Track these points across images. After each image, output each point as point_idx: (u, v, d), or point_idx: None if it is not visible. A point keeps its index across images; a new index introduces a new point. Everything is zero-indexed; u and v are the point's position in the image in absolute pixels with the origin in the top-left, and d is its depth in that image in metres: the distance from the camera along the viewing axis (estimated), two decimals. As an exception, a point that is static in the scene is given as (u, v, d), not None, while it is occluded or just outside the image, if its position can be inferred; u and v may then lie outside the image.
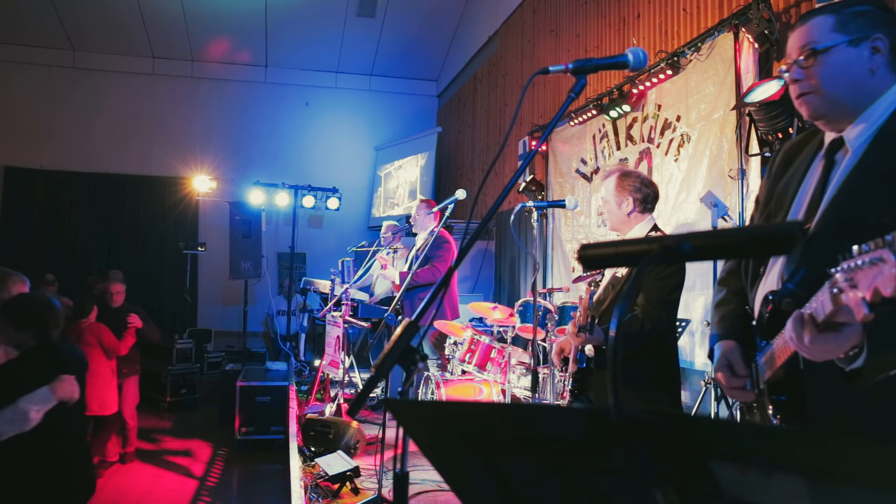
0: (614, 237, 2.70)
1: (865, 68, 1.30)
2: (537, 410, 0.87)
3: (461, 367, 4.37)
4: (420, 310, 1.17)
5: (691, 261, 0.72)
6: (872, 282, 0.93)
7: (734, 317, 1.56)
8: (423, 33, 10.14)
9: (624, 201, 2.53)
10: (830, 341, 1.11)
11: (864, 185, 1.27)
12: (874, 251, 0.93)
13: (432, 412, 0.77)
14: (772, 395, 1.41)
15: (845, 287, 0.99)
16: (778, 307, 1.36)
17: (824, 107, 1.35)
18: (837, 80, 1.31)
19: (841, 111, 1.35)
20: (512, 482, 0.70)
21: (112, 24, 9.56)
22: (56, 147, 9.93)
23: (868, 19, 1.30)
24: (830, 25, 1.32)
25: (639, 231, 2.57)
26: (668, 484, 0.55)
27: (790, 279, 1.36)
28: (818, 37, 1.33)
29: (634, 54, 1.35)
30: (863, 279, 0.95)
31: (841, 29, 1.31)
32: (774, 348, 1.36)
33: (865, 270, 0.94)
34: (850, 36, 1.30)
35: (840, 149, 1.37)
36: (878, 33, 1.29)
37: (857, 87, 1.31)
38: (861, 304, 0.96)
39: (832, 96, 1.33)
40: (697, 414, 2.50)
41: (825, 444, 0.49)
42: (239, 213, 8.29)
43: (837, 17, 1.32)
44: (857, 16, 1.31)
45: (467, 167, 9.49)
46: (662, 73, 4.50)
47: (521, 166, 1.43)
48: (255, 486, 4.88)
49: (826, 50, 1.31)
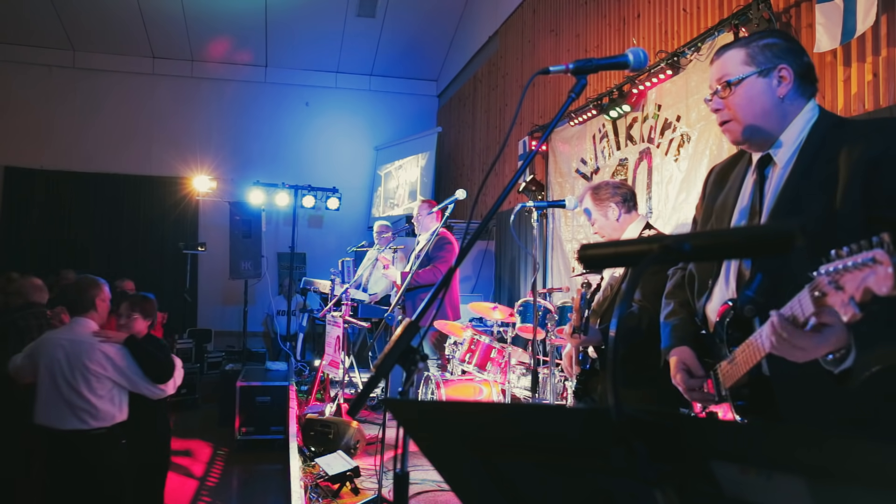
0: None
1: (775, 95, 1.44)
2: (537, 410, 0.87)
3: (461, 367, 4.37)
4: (420, 310, 1.17)
5: (691, 261, 0.72)
6: (862, 283, 0.95)
7: (685, 325, 1.63)
8: (423, 33, 10.13)
9: (608, 210, 2.60)
10: (809, 341, 1.14)
11: (802, 194, 1.39)
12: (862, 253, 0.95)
13: (432, 412, 0.77)
14: (733, 400, 1.45)
15: (829, 290, 1.02)
16: (740, 314, 1.41)
17: (744, 133, 1.48)
18: (751, 107, 1.45)
19: (760, 135, 1.47)
20: (512, 482, 0.70)
21: (112, 24, 9.56)
22: (56, 147, 9.93)
23: (774, 51, 1.44)
24: (742, 59, 1.46)
25: (632, 231, 2.59)
26: (668, 484, 0.55)
27: (748, 286, 1.42)
28: (731, 69, 1.47)
29: (635, 54, 1.35)
30: (850, 281, 0.98)
31: (751, 62, 1.45)
32: (738, 355, 1.39)
33: (854, 273, 0.97)
34: (759, 67, 1.44)
35: (769, 164, 1.49)
36: (784, 63, 1.43)
37: (770, 113, 1.44)
38: (849, 305, 0.98)
39: (748, 122, 1.46)
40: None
41: (825, 444, 0.49)
42: (239, 213, 8.29)
43: (747, 50, 1.46)
44: (765, 48, 1.45)
45: (467, 167, 9.49)
46: (662, 73, 4.50)
47: (521, 166, 1.43)
48: (255, 486, 4.88)
49: (739, 82, 1.45)
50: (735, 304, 1.43)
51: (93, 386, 2.95)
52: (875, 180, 1.29)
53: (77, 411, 2.92)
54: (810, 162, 1.40)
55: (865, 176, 1.30)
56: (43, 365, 2.96)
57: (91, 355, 2.96)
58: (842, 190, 1.32)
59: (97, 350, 2.98)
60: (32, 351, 3.06)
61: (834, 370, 1.16)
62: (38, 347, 3.04)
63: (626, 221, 2.61)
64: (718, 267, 1.54)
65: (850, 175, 1.32)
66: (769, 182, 1.48)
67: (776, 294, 1.37)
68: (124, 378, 3.04)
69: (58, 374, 2.93)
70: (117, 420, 3.03)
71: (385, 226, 6.43)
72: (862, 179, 1.30)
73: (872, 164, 1.29)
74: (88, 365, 2.95)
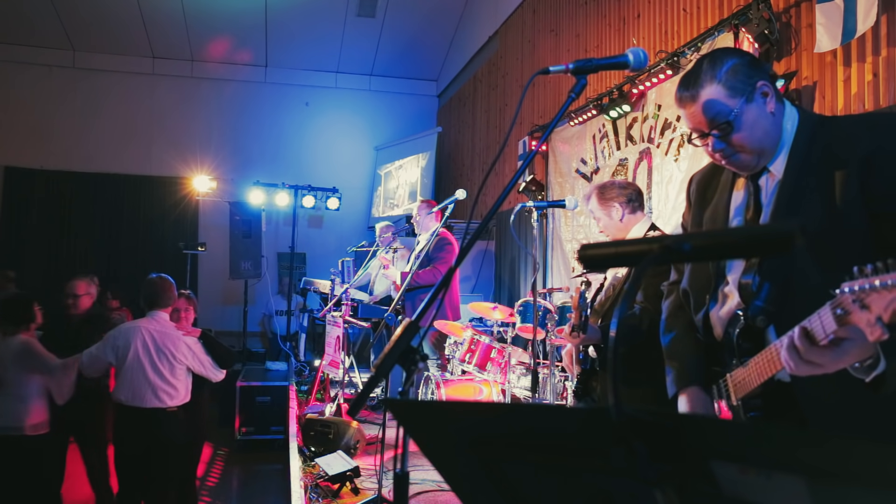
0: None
1: (767, 114, 1.44)
2: (537, 410, 0.87)
3: (461, 367, 4.37)
4: (420, 310, 1.17)
5: (691, 261, 0.72)
6: (892, 304, 0.95)
7: (691, 357, 1.61)
8: (423, 33, 10.13)
9: (612, 210, 2.59)
10: (824, 356, 1.14)
11: (799, 196, 1.40)
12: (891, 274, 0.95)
13: (432, 412, 0.77)
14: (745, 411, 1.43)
15: (853, 308, 1.01)
16: (752, 324, 1.40)
17: (754, 160, 1.46)
18: (756, 135, 1.43)
19: (765, 154, 1.47)
20: (512, 482, 0.70)
21: (112, 24, 9.56)
22: (56, 147, 9.93)
23: (744, 72, 1.43)
24: (723, 95, 1.42)
25: (637, 231, 2.58)
26: (668, 484, 0.55)
27: (756, 296, 1.41)
28: (721, 109, 1.42)
29: (635, 54, 1.35)
30: (877, 301, 0.97)
31: (733, 93, 1.42)
32: (752, 365, 1.38)
33: (881, 293, 0.96)
34: (743, 96, 1.41)
35: (762, 175, 1.49)
36: (757, 79, 1.42)
37: (769, 131, 1.45)
38: (876, 325, 0.98)
39: (758, 149, 1.45)
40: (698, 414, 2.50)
41: (825, 444, 0.49)
42: (239, 213, 8.30)
43: (723, 84, 1.42)
44: (734, 74, 1.42)
45: (467, 167, 9.48)
46: (662, 73, 4.50)
47: (521, 166, 1.43)
48: (255, 486, 4.89)
49: (738, 116, 1.42)
50: (745, 315, 1.41)
51: (175, 371, 3.54)
52: (873, 177, 1.30)
53: (159, 392, 3.47)
54: (802, 164, 1.42)
55: (862, 173, 1.31)
56: (131, 350, 3.47)
57: (177, 345, 3.57)
58: (839, 188, 1.33)
59: (181, 341, 3.60)
60: (114, 338, 3.52)
61: (865, 378, 1.15)
62: (121, 335, 3.53)
63: (631, 222, 2.60)
64: (715, 281, 1.52)
65: (846, 173, 1.33)
66: (764, 188, 1.49)
67: (787, 302, 1.38)
68: (200, 365, 3.66)
69: (145, 359, 3.46)
70: (186, 401, 3.62)
71: (388, 226, 6.42)
72: (859, 177, 1.31)
73: (867, 161, 1.31)
74: (175, 353, 3.54)
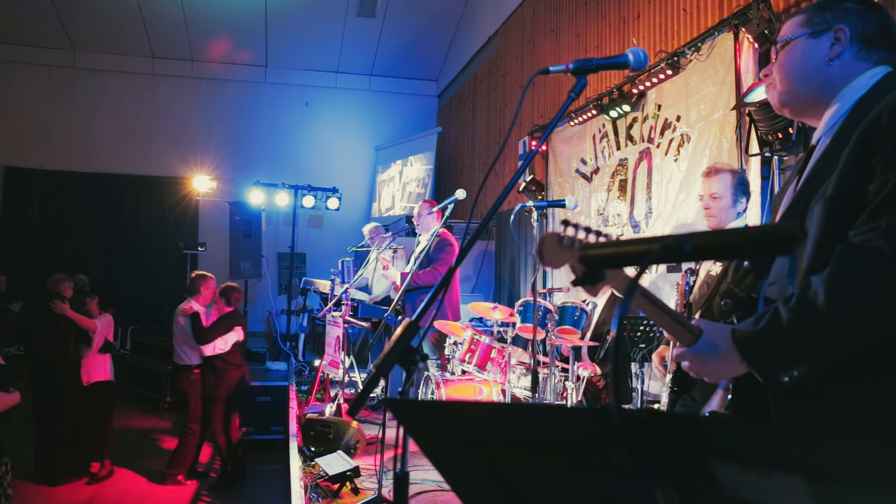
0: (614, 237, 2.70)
1: (823, 58, 1.31)
2: (537, 410, 0.87)
3: (461, 367, 4.37)
4: (420, 310, 1.17)
5: (691, 261, 0.72)
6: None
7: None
8: (423, 33, 10.14)
9: (738, 202, 2.73)
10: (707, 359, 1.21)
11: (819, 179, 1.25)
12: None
13: (432, 412, 0.77)
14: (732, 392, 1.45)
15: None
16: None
17: (783, 97, 1.37)
18: (793, 70, 1.34)
19: (799, 102, 1.36)
20: (512, 482, 0.70)
21: (112, 24, 9.56)
22: (56, 147, 9.93)
23: (833, 13, 1.32)
24: (799, 21, 1.36)
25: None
26: (668, 483, 0.55)
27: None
28: (785, 32, 1.38)
29: (634, 54, 1.35)
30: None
31: (806, 24, 1.34)
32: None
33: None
34: (811, 29, 1.33)
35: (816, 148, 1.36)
36: (842, 24, 1.30)
37: (813, 77, 1.32)
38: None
39: (787, 86, 1.36)
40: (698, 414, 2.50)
41: (825, 444, 0.49)
42: (239, 213, 8.30)
43: (807, 14, 1.35)
44: (823, 9, 1.33)
45: (467, 167, 9.49)
46: (662, 73, 4.50)
47: (521, 166, 1.43)
48: (255, 486, 4.88)
49: (787, 44, 1.36)
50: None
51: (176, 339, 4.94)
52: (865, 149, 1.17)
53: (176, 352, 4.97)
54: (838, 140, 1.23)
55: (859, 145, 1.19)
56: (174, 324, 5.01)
57: (177, 319, 4.93)
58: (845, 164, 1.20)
59: (178, 318, 4.93)
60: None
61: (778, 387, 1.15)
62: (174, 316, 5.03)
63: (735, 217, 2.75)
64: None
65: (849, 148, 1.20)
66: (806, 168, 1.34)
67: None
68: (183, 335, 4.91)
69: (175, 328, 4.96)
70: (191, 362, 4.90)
71: (377, 227, 6.45)
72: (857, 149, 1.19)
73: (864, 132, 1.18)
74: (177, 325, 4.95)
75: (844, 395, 1.13)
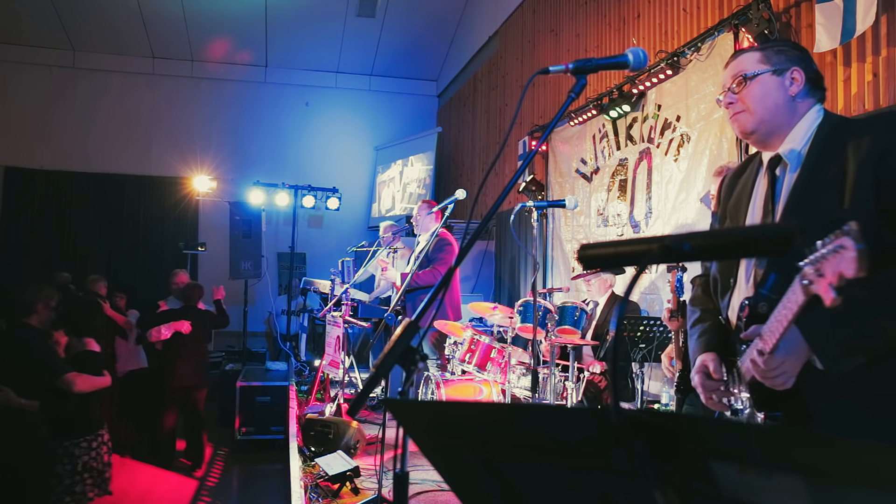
0: (614, 237, 2.70)
1: (786, 94, 1.53)
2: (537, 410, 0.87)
3: (461, 367, 4.37)
4: (420, 310, 1.17)
5: (691, 260, 0.72)
6: (836, 268, 1.05)
7: (711, 331, 1.67)
8: (423, 33, 10.13)
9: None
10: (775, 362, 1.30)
11: (814, 191, 1.45)
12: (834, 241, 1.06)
13: (432, 412, 0.77)
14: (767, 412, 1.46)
15: (814, 278, 1.10)
16: (755, 311, 1.46)
17: (752, 124, 1.55)
18: (764, 101, 1.53)
19: (767, 129, 1.55)
20: (512, 482, 0.70)
21: (112, 24, 9.56)
22: (56, 147, 9.93)
23: (787, 56, 1.55)
24: (757, 59, 1.56)
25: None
26: (667, 484, 0.55)
27: (762, 285, 1.47)
28: (747, 67, 1.56)
29: (634, 54, 1.35)
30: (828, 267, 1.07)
31: (766, 61, 1.55)
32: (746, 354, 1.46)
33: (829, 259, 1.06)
34: (773, 67, 1.54)
35: (779, 164, 1.55)
36: (796, 67, 1.54)
37: (780, 109, 1.53)
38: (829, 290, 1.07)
39: (759, 115, 1.54)
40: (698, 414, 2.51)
41: (825, 444, 0.49)
42: (239, 213, 8.30)
43: (762, 52, 1.57)
44: (779, 52, 1.56)
45: (467, 167, 9.49)
46: (662, 73, 4.50)
47: (521, 166, 1.43)
48: (255, 486, 4.89)
49: (754, 77, 1.54)
50: (751, 302, 1.48)
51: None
52: (884, 172, 1.35)
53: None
54: (819, 159, 1.46)
55: (875, 169, 1.36)
56: None
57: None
58: (851, 184, 1.37)
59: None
60: None
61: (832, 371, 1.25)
62: None
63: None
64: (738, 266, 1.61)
65: (858, 169, 1.37)
66: (781, 182, 1.54)
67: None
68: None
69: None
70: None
71: (392, 226, 6.39)
72: (872, 173, 1.36)
73: (881, 156, 1.35)
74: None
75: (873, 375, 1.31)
